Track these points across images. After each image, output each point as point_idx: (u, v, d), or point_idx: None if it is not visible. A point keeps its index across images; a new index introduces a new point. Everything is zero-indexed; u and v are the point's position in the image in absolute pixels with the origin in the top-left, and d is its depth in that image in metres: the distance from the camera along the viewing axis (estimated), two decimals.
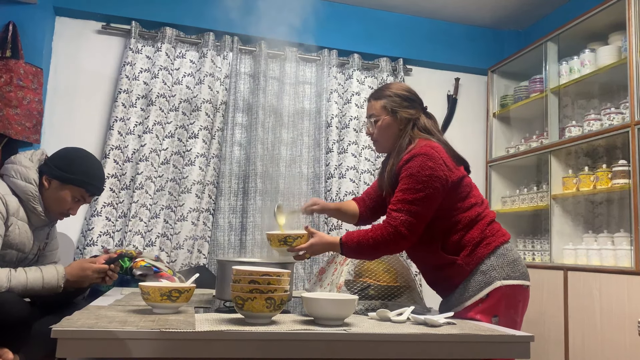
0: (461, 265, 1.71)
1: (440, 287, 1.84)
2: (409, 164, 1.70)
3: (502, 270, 1.70)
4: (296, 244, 1.69)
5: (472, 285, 1.70)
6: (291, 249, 1.69)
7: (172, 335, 1.20)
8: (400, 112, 1.84)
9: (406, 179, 1.69)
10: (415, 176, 1.67)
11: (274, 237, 1.71)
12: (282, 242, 1.69)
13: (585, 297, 2.67)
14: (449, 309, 1.76)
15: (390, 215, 1.68)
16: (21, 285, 1.84)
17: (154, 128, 3.22)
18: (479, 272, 1.70)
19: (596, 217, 3.12)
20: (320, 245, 1.71)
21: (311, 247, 1.69)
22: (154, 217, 3.16)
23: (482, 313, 1.67)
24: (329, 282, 1.96)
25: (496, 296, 1.68)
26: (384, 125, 1.85)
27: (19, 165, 2.00)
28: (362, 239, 1.67)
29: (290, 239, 1.69)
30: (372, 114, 1.89)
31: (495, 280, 1.68)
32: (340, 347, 1.29)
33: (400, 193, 1.68)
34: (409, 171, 1.69)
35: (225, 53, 3.45)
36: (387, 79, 3.71)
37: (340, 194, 3.49)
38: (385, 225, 1.67)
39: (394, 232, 1.64)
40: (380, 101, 1.87)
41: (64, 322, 1.21)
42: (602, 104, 3.06)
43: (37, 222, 2.03)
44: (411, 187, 1.67)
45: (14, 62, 2.83)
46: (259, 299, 1.32)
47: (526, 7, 3.72)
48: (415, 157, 1.70)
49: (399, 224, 1.64)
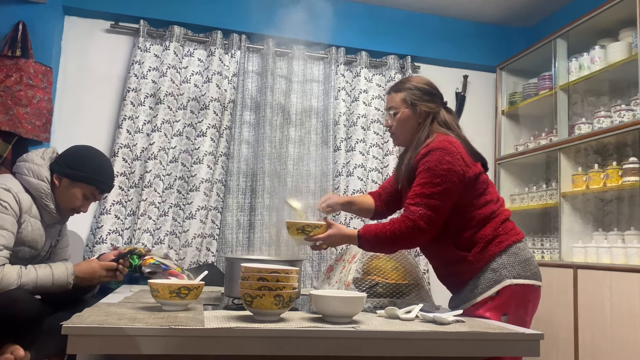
0: (472, 262, 1.71)
1: (451, 282, 1.84)
2: (426, 158, 1.69)
3: (513, 269, 1.69)
4: (314, 234, 1.68)
5: (482, 282, 1.70)
6: (309, 238, 1.69)
7: (182, 332, 1.20)
8: (419, 106, 1.82)
9: (424, 173, 1.68)
10: (433, 170, 1.66)
11: (292, 225, 1.70)
12: (300, 230, 1.68)
13: (595, 296, 2.65)
14: (459, 305, 1.76)
15: (408, 210, 1.66)
16: (31, 282, 1.86)
17: (162, 126, 3.24)
18: (490, 269, 1.69)
19: (606, 214, 3.10)
20: (338, 237, 1.70)
21: (329, 237, 1.68)
22: (163, 215, 3.17)
23: (491, 311, 1.66)
24: (337, 280, 1.96)
25: (506, 295, 1.67)
26: (402, 118, 1.83)
27: (31, 163, 2.01)
28: (379, 232, 1.66)
29: (308, 228, 1.68)
30: (391, 106, 1.86)
31: (505, 279, 1.67)
32: (349, 344, 1.29)
33: (418, 187, 1.67)
34: (426, 165, 1.68)
35: (233, 51, 3.46)
36: (395, 76, 3.70)
37: (348, 192, 3.48)
38: (403, 219, 1.65)
39: (412, 226, 1.63)
40: (401, 94, 1.85)
41: (75, 319, 1.22)
42: (612, 101, 3.04)
43: (49, 219, 2.05)
44: (429, 181, 1.66)
45: (23, 61, 2.85)
46: (267, 296, 1.32)
47: (535, 4, 3.70)
48: (432, 151, 1.69)
49: (417, 218, 1.63)
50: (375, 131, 3.64)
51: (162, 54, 3.33)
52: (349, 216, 3.43)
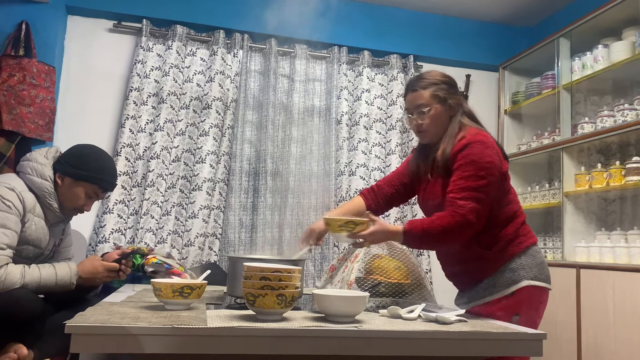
0: (491, 260, 1.70)
1: (462, 279, 1.83)
2: (467, 151, 1.66)
3: (531, 271, 1.70)
4: (357, 231, 1.62)
5: (500, 281, 1.69)
6: (352, 235, 1.62)
7: (184, 331, 1.20)
8: (449, 99, 1.78)
9: (467, 166, 1.64)
10: (477, 163, 1.64)
11: (334, 222, 1.64)
12: (342, 227, 1.62)
13: (598, 295, 2.64)
14: (471, 301, 1.76)
15: (455, 204, 1.62)
16: (35, 281, 1.86)
17: (165, 126, 3.24)
18: (508, 269, 1.70)
19: (609, 214, 3.09)
20: (382, 234, 1.63)
21: (372, 234, 1.62)
22: (165, 215, 3.18)
23: (503, 310, 1.66)
24: (339, 280, 1.96)
25: (520, 295, 1.67)
26: (436, 114, 1.77)
27: (35, 162, 2.02)
28: (427, 227, 1.61)
29: (351, 225, 1.61)
30: (420, 104, 1.78)
31: (524, 279, 1.68)
32: (352, 343, 1.29)
33: (463, 181, 1.63)
34: (469, 158, 1.65)
35: (236, 51, 3.46)
36: (397, 75, 3.70)
37: (350, 191, 3.48)
38: (452, 213, 1.61)
39: (462, 221, 1.59)
40: (429, 90, 1.78)
41: (78, 318, 1.22)
42: (615, 100, 3.03)
43: (52, 218, 2.05)
44: (474, 174, 1.63)
45: (27, 60, 2.86)
46: (270, 295, 1.32)
47: (537, 3, 3.69)
48: (473, 144, 1.67)
49: (467, 212, 1.60)
50: (378, 130, 3.64)
51: (165, 53, 3.34)
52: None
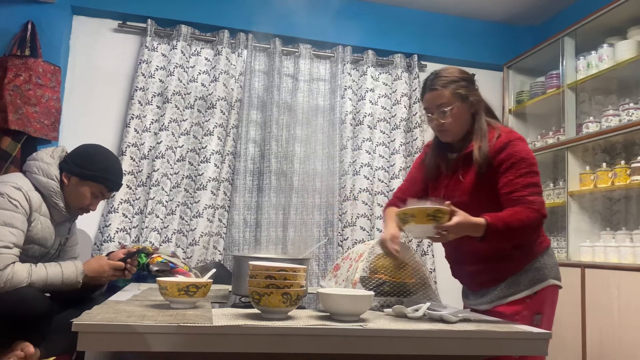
0: (516, 259, 1.71)
1: (480, 279, 1.80)
2: (513, 149, 1.66)
3: (552, 270, 1.72)
4: (444, 222, 1.50)
5: (524, 280, 1.70)
6: (439, 225, 1.50)
7: (190, 329, 1.21)
8: (470, 96, 1.76)
9: (520, 164, 1.64)
10: (528, 160, 1.65)
11: (421, 211, 1.49)
12: (430, 217, 1.49)
13: (603, 295, 2.64)
14: (492, 300, 1.75)
15: (527, 200, 1.60)
16: (41, 280, 1.87)
17: (169, 125, 3.25)
18: (533, 268, 1.71)
19: (614, 214, 3.08)
20: (467, 225, 1.53)
21: (457, 225, 1.50)
22: (170, 214, 3.19)
23: (527, 309, 1.67)
24: (344, 279, 1.97)
25: (543, 295, 1.70)
26: (458, 113, 1.74)
27: (41, 161, 2.03)
28: (509, 221, 1.56)
29: (439, 214, 1.48)
30: (441, 103, 1.75)
31: (549, 279, 1.70)
32: (356, 342, 1.30)
33: (522, 178, 1.63)
34: (519, 155, 1.65)
35: (240, 50, 3.47)
36: (401, 75, 3.70)
37: (354, 190, 3.49)
38: (528, 209, 1.59)
39: (539, 216, 1.60)
40: (449, 88, 1.74)
41: (85, 316, 1.23)
42: (620, 100, 3.02)
43: (58, 217, 2.06)
44: (530, 170, 1.64)
45: (32, 60, 2.88)
46: (275, 294, 1.32)
47: (542, 2, 3.68)
48: (515, 142, 1.67)
49: (540, 207, 1.61)
50: (382, 130, 3.64)
51: (170, 53, 3.35)
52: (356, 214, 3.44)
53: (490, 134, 1.72)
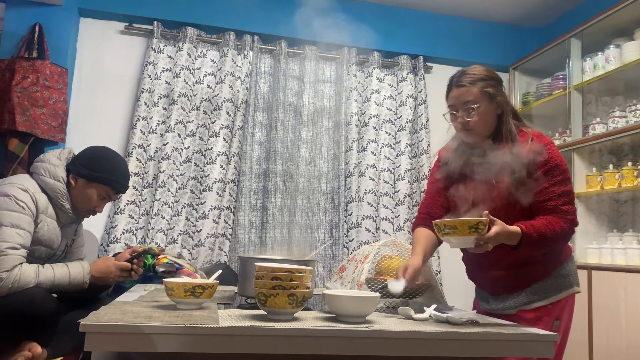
0: (544, 265, 1.70)
1: (504, 284, 1.76)
2: (550, 154, 1.64)
3: (576, 277, 1.73)
4: (484, 233, 1.48)
5: (551, 286, 1.70)
6: (480, 237, 1.47)
7: (197, 330, 1.21)
8: (497, 96, 1.72)
9: (554, 171, 1.63)
10: (561, 166, 1.65)
11: (463, 223, 1.46)
12: (473, 229, 1.46)
13: (610, 297, 2.62)
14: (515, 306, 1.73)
15: (561, 210, 1.60)
16: (49, 280, 1.88)
17: (175, 127, 3.26)
18: (560, 275, 1.71)
19: (621, 215, 3.07)
20: (504, 234, 1.51)
21: (497, 236, 1.49)
22: (176, 215, 3.20)
23: (549, 315, 1.68)
24: (349, 280, 1.97)
25: (565, 301, 1.70)
26: (485, 112, 1.70)
27: (48, 163, 2.04)
28: (543, 231, 1.55)
29: (482, 226, 1.46)
30: (468, 101, 1.70)
31: (574, 285, 1.72)
32: (362, 344, 1.30)
33: (557, 187, 1.62)
34: (554, 161, 1.64)
35: (246, 52, 3.48)
36: (407, 76, 3.70)
37: (359, 192, 3.49)
38: (562, 219, 1.59)
39: (572, 226, 1.61)
40: (477, 85, 1.70)
41: (92, 317, 1.24)
42: (627, 101, 3.01)
43: (65, 219, 2.07)
44: (564, 177, 1.64)
45: (40, 62, 2.89)
46: (281, 295, 1.33)
47: (548, 3, 3.67)
48: (550, 146, 1.66)
49: (574, 217, 1.62)
50: (387, 131, 3.64)
51: (176, 55, 3.36)
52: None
53: (522, 137, 1.68)
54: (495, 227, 1.49)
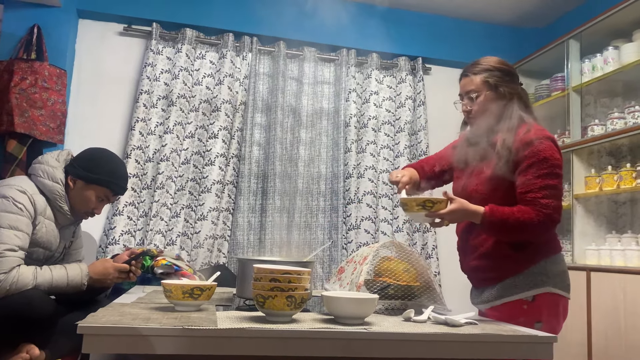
0: (517, 261, 1.68)
1: (479, 276, 1.80)
2: (537, 148, 1.62)
3: (554, 278, 1.68)
4: (435, 209, 1.60)
5: (521, 283, 1.68)
6: (430, 213, 1.60)
7: (195, 332, 1.21)
8: (502, 87, 1.73)
9: (541, 164, 1.61)
10: (550, 160, 1.62)
11: (411, 202, 1.62)
12: (420, 206, 1.61)
13: (609, 299, 2.62)
14: (488, 300, 1.74)
15: (539, 203, 1.58)
16: (47, 282, 1.88)
17: (174, 128, 3.26)
18: (532, 273, 1.68)
19: (620, 217, 3.07)
20: (462, 212, 1.60)
21: (452, 213, 1.59)
22: (175, 217, 3.19)
23: (525, 316, 1.65)
24: (348, 282, 1.96)
25: (541, 302, 1.66)
26: (485, 101, 1.74)
27: (46, 165, 2.04)
28: (507, 217, 1.58)
29: (429, 203, 1.60)
30: (470, 90, 1.76)
31: (546, 285, 1.67)
32: (361, 346, 1.29)
33: (540, 179, 1.60)
34: (541, 155, 1.62)
35: (245, 54, 3.48)
36: (406, 78, 3.70)
37: (358, 193, 3.48)
38: (537, 212, 1.58)
39: (547, 220, 1.58)
40: (480, 75, 1.74)
41: (90, 319, 1.24)
42: (625, 102, 3.01)
43: (63, 221, 2.07)
44: (551, 171, 1.61)
45: (38, 64, 2.89)
46: (279, 297, 1.32)
47: (547, 5, 3.68)
48: (543, 141, 1.64)
49: (552, 211, 1.58)
50: (386, 133, 3.64)
51: (175, 56, 3.36)
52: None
53: (520, 129, 1.69)
54: (452, 205, 1.59)
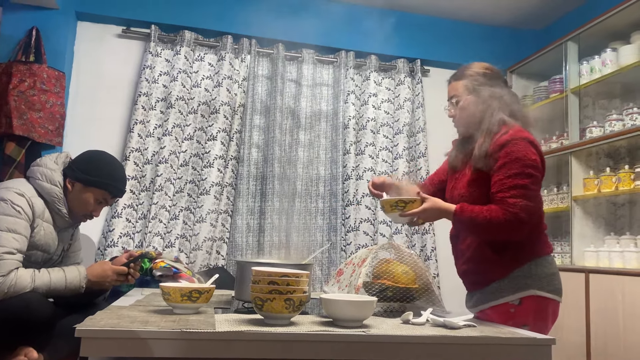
0: (501, 264, 1.68)
1: (471, 279, 1.82)
2: (510, 148, 1.63)
3: (539, 281, 1.67)
4: (408, 209, 1.67)
5: (507, 287, 1.68)
6: (403, 213, 1.68)
7: (193, 335, 1.21)
8: (482, 91, 1.76)
9: (513, 164, 1.62)
10: (523, 160, 1.62)
11: (386, 202, 1.72)
12: (394, 206, 1.69)
13: (608, 300, 2.62)
14: (477, 304, 1.76)
15: (506, 202, 1.59)
16: (45, 285, 1.88)
17: (173, 130, 3.26)
18: (517, 276, 1.67)
19: (618, 218, 3.07)
20: (434, 211, 1.66)
21: (424, 211, 1.66)
22: (173, 219, 3.19)
23: (513, 320, 1.64)
24: (347, 284, 1.96)
25: (528, 305, 1.66)
26: (465, 105, 1.78)
27: (45, 167, 2.04)
28: (475, 216, 1.61)
29: (401, 204, 1.68)
30: (453, 95, 1.82)
31: (530, 288, 1.66)
32: (359, 348, 1.29)
33: (510, 179, 1.61)
34: (514, 155, 1.62)
35: (243, 56, 3.48)
36: (404, 80, 3.71)
37: (357, 195, 3.48)
38: (503, 211, 1.58)
39: (513, 220, 1.57)
40: (461, 81, 1.80)
41: (88, 322, 1.23)
42: (624, 104, 3.01)
43: (61, 223, 2.07)
44: (521, 171, 1.61)
45: (37, 66, 2.89)
46: (278, 299, 1.32)
47: (545, 7, 3.68)
48: (517, 141, 1.64)
49: (519, 210, 1.58)
50: (385, 134, 3.64)
51: (173, 58, 3.36)
52: None
53: (499, 132, 1.69)
54: (424, 204, 1.66)
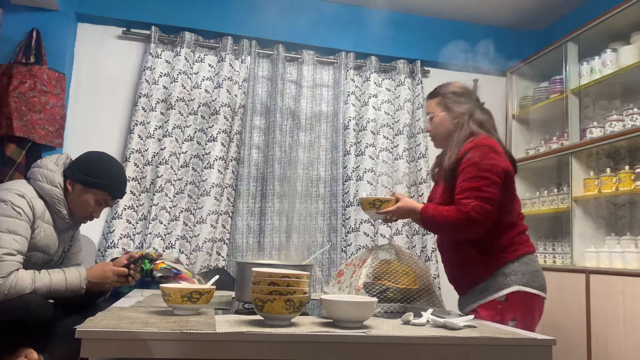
0: (485, 264, 1.78)
1: (459, 283, 1.91)
2: (470, 154, 1.76)
3: (523, 277, 1.76)
4: (384, 207, 1.84)
5: (492, 285, 1.77)
6: (379, 211, 1.84)
7: (193, 336, 1.21)
8: (453, 107, 1.92)
9: (470, 168, 1.74)
10: (479, 164, 1.73)
11: (364, 201, 1.89)
12: (371, 205, 1.86)
13: (608, 301, 2.62)
14: (467, 304, 1.84)
15: (460, 203, 1.73)
16: (45, 286, 1.88)
17: (173, 132, 3.26)
18: (501, 274, 1.77)
19: (619, 219, 3.07)
20: (405, 209, 1.83)
21: (397, 210, 1.83)
22: (174, 220, 3.19)
23: (500, 315, 1.73)
24: (347, 285, 1.96)
25: (514, 300, 1.74)
26: (438, 121, 1.94)
27: (45, 169, 2.04)
28: (436, 214, 1.77)
29: (378, 202, 1.86)
30: (428, 112, 1.99)
31: (514, 284, 1.75)
32: (360, 349, 1.29)
33: (466, 182, 1.74)
34: (472, 161, 1.74)
35: (244, 57, 3.48)
36: (404, 81, 3.71)
37: (357, 196, 3.48)
38: (457, 210, 1.73)
39: (464, 219, 1.70)
40: (435, 99, 1.98)
41: (88, 323, 1.23)
42: (624, 105, 3.01)
43: (62, 224, 2.07)
44: (476, 175, 1.73)
45: (37, 67, 2.89)
46: (278, 300, 1.32)
47: (545, 7, 3.68)
48: (477, 147, 1.77)
49: (470, 210, 1.70)
50: (385, 135, 3.64)
51: (173, 59, 3.36)
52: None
53: (467, 143, 1.82)
54: (398, 203, 1.83)
